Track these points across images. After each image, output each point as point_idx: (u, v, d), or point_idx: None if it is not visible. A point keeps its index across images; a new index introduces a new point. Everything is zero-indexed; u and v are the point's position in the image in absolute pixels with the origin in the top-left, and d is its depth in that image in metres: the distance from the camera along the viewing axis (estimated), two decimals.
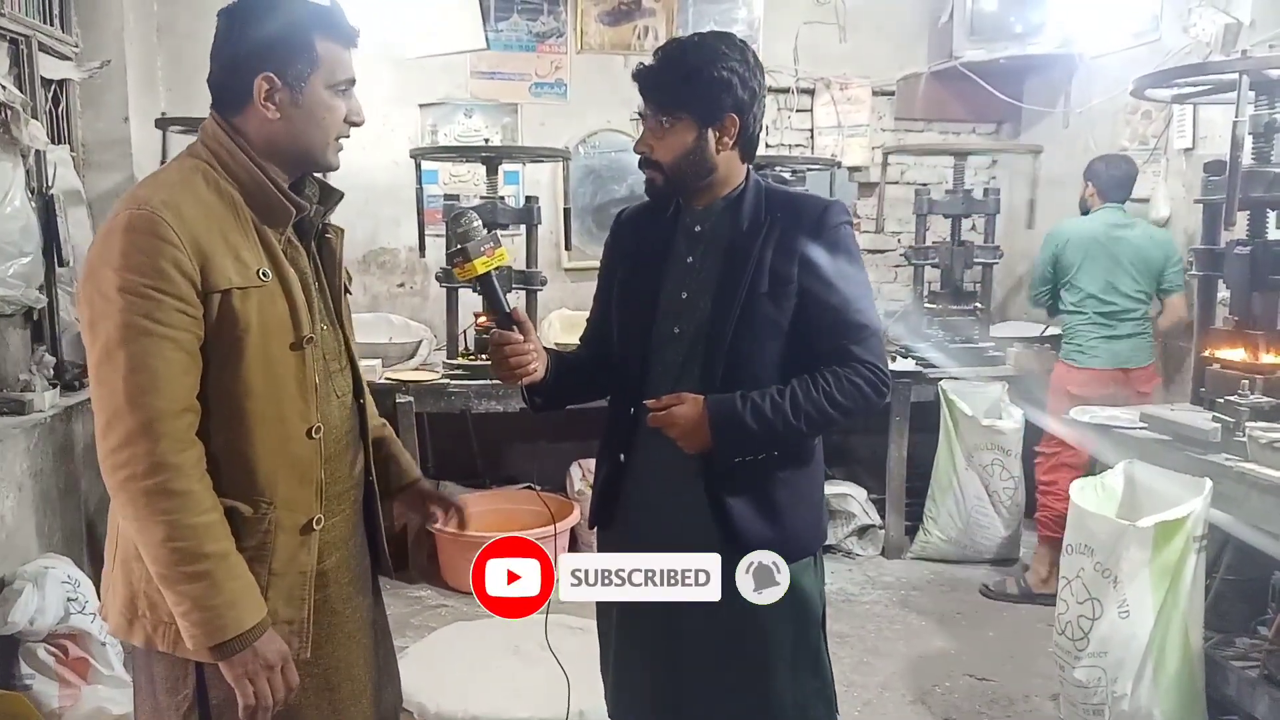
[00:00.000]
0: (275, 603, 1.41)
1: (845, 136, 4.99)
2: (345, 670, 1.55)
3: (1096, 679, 2.43)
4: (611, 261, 1.87)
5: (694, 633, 1.72)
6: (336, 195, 1.57)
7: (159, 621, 1.39)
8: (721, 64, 1.63)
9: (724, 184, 1.72)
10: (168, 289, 1.30)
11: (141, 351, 1.29)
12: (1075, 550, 2.56)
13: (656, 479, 1.75)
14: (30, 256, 3.20)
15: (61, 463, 3.13)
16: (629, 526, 1.81)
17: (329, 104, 1.43)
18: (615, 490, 1.81)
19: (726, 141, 1.67)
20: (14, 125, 3.11)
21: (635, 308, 1.76)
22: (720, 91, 1.63)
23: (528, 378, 1.67)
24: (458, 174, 4.67)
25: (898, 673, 3.20)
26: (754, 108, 1.68)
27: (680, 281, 1.73)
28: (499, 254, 1.60)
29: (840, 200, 1.75)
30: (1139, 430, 2.77)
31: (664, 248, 1.76)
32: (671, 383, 1.70)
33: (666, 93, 1.65)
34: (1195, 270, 2.92)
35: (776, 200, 1.72)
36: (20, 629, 2.54)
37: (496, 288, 1.64)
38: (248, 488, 1.40)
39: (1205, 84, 2.85)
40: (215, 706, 1.42)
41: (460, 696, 2.75)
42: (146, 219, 1.30)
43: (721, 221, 1.71)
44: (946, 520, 4.12)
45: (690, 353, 1.70)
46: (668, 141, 1.66)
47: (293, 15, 1.41)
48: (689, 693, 1.76)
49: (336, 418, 1.52)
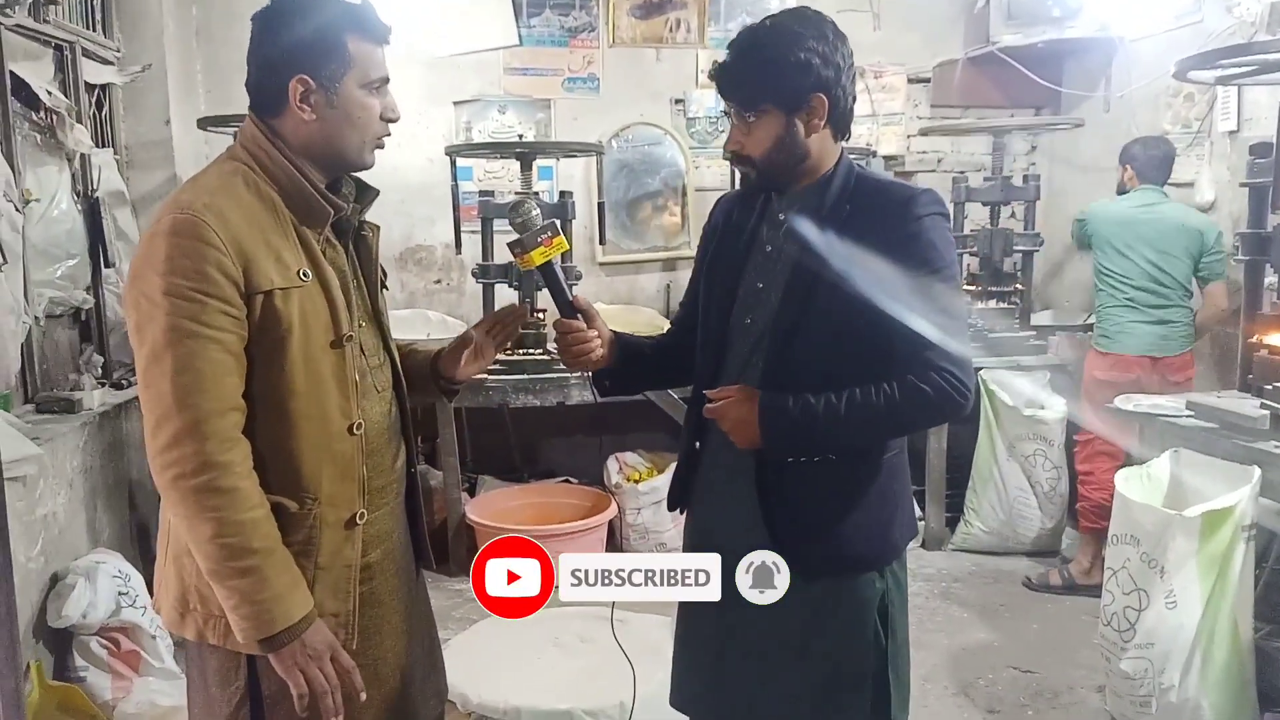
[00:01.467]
0: (321, 596, 1.44)
1: (880, 125, 4.95)
2: (394, 661, 1.58)
3: (1143, 670, 2.40)
4: (705, 247, 1.81)
5: (743, 632, 1.69)
6: (372, 193, 1.58)
7: (210, 615, 1.42)
8: (798, 47, 1.53)
9: (816, 168, 1.62)
10: (212, 291, 1.32)
11: (187, 354, 1.31)
12: (1121, 540, 2.52)
13: (722, 470, 1.71)
14: (77, 258, 3.28)
15: (110, 460, 3.20)
16: (702, 514, 1.78)
17: (364, 103, 1.45)
18: (690, 477, 1.78)
19: (816, 124, 1.57)
20: (60, 130, 3.18)
21: (716, 296, 1.71)
22: (801, 76, 1.54)
23: (593, 364, 1.67)
24: (492, 170, 4.69)
25: (940, 665, 3.18)
26: (841, 82, 1.57)
27: (758, 271, 1.67)
28: (557, 242, 1.59)
29: (932, 190, 1.61)
30: (1185, 418, 2.73)
31: (750, 235, 1.69)
32: (738, 375, 1.66)
33: (745, 89, 1.58)
34: (1242, 255, 2.86)
35: (864, 187, 1.62)
36: (73, 622, 2.60)
37: (559, 276, 1.63)
38: (293, 484, 1.42)
39: (1251, 65, 2.78)
40: (267, 699, 1.45)
41: (501, 688, 2.77)
42: (190, 223, 1.33)
43: (804, 210, 1.61)
44: (988, 511, 4.08)
45: (757, 345, 1.65)
46: (755, 136, 1.59)
47: (324, 16, 1.42)
48: (737, 693, 1.72)
49: (377, 413, 1.53)
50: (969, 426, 4.10)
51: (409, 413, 1.64)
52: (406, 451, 1.64)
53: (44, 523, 2.67)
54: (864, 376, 1.53)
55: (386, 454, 1.56)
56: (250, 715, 1.45)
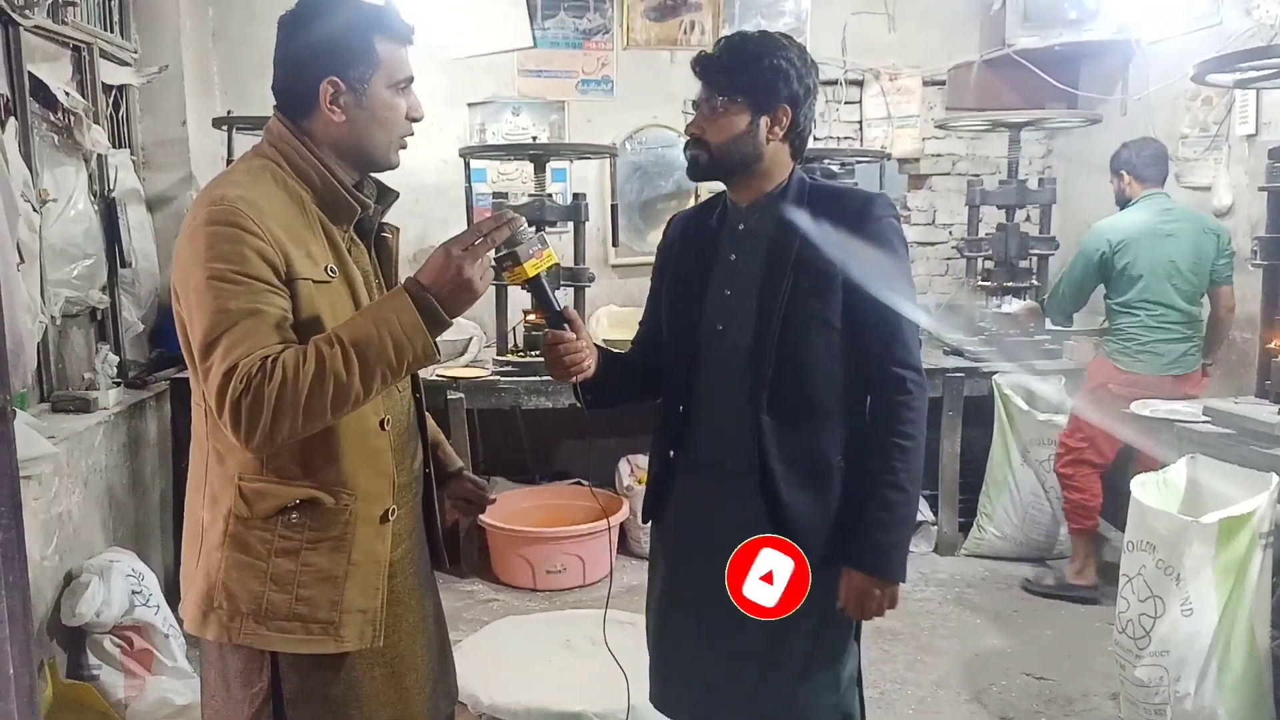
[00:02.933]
0: (352, 592, 1.44)
1: (895, 128, 4.93)
2: (410, 660, 1.58)
3: (1158, 678, 2.38)
4: (663, 263, 1.90)
5: (730, 627, 1.74)
6: (392, 195, 1.60)
7: (236, 613, 1.41)
8: (780, 54, 1.66)
9: (769, 178, 1.73)
10: (255, 273, 1.32)
11: (241, 333, 1.30)
12: (1137, 547, 2.50)
13: (705, 476, 1.78)
14: (93, 258, 3.30)
15: (125, 459, 3.21)
16: (679, 522, 1.83)
17: (391, 103, 1.46)
18: (665, 486, 1.83)
19: (777, 131, 1.68)
20: (77, 130, 3.20)
21: (682, 306, 1.79)
22: (777, 80, 1.65)
23: (580, 376, 1.69)
24: (506, 172, 4.70)
25: (952, 671, 3.16)
26: (806, 104, 1.70)
27: (724, 279, 1.75)
28: (547, 255, 1.60)
29: (885, 194, 1.76)
30: (1202, 424, 2.70)
31: (711, 247, 1.78)
32: (718, 380, 1.73)
33: (724, 75, 1.67)
34: (1260, 259, 2.83)
35: (820, 195, 1.72)
36: (87, 621, 2.62)
37: (547, 288, 1.65)
38: (332, 479, 1.43)
39: (1270, 68, 2.76)
40: (289, 700, 1.45)
41: (512, 689, 2.77)
42: (226, 212, 1.33)
43: (764, 218, 1.72)
44: (1001, 516, 4.05)
45: (735, 350, 1.72)
46: (720, 123, 1.68)
47: (351, 18, 1.43)
48: (723, 687, 1.78)
49: (400, 410, 1.55)
50: (982, 430, 4.08)
51: (424, 411, 1.66)
52: (424, 451, 1.65)
53: (59, 521, 2.69)
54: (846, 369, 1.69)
55: (408, 452, 1.58)
56: (272, 716, 1.45)
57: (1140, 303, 3.48)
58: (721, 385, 1.73)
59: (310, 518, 1.42)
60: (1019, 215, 4.44)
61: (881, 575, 1.67)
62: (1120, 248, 3.48)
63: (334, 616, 1.43)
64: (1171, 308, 3.46)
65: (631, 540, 4.19)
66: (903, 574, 1.69)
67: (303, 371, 1.28)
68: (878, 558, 1.67)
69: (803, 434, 1.70)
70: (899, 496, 1.67)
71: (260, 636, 1.41)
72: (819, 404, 1.70)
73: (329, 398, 1.29)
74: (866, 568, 1.67)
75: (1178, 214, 3.53)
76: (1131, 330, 3.50)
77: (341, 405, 1.31)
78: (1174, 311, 3.46)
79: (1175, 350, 3.47)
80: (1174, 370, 3.46)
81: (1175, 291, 3.45)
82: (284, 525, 1.41)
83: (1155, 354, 3.47)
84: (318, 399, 1.29)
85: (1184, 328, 3.48)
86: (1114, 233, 3.52)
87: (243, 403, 1.28)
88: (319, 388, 1.29)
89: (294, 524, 1.41)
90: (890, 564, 1.67)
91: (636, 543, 4.16)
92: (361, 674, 1.49)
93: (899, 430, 1.66)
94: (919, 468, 1.69)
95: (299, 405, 1.28)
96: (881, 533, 1.67)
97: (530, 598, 3.79)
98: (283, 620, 1.41)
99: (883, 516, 1.67)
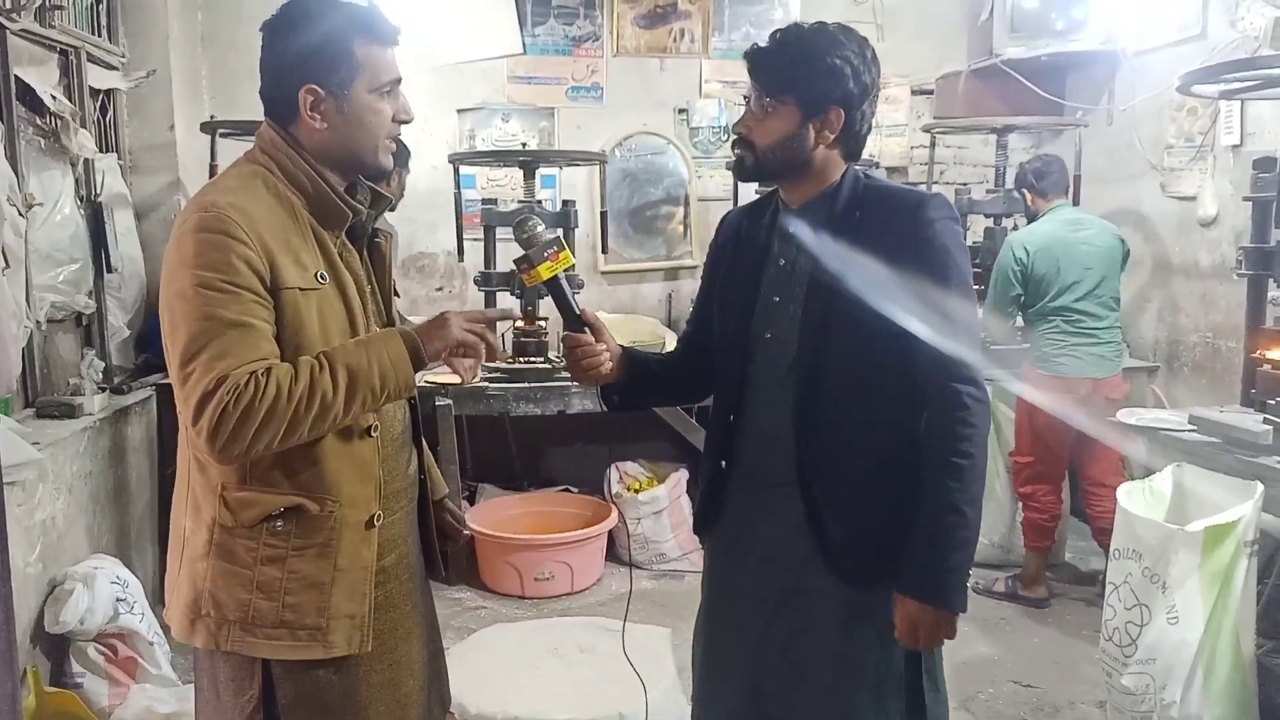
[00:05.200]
0: (339, 597, 1.44)
1: (884, 136, 4.95)
2: (407, 666, 1.58)
3: (1145, 686, 2.39)
4: (715, 263, 1.81)
5: (780, 641, 1.69)
6: (385, 200, 1.59)
7: (223, 620, 1.41)
8: (837, 53, 1.56)
9: (820, 180, 1.63)
10: (241, 283, 1.32)
11: (226, 343, 1.30)
12: (1123, 555, 2.51)
13: (756, 489, 1.71)
14: (79, 263, 3.27)
15: (110, 465, 3.19)
16: (730, 534, 1.77)
17: (375, 108, 1.45)
18: (718, 497, 1.76)
19: (827, 135, 1.59)
20: (64, 134, 3.18)
21: (734, 312, 1.71)
22: (829, 81, 1.56)
23: (600, 379, 1.67)
24: (495, 178, 4.70)
25: None
26: (863, 104, 1.60)
27: (773, 285, 1.67)
28: (563, 257, 1.59)
29: (941, 194, 1.63)
30: (1187, 432, 2.72)
31: (762, 249, 1.70)
32: (765, 389, 1.66)
33: (775, 75, 1.59)
34: (1245, 269, 2.85)
35: (871, 196, 1.62)
36: (71, 628, 2.59)
37: (565, 290, 1.63)
38: (316, 485, 1.42)
39: (1254, 79, 2.79)
40: (283, 706, 1.44)
41: (500, 697, 2.76)
42: (215, 219, 1.33)
43: (814, 222, 1.62)
44: (989, 524, 4.06)
45: (782, 358, 1.64)
46: (767, 124, 1.60)
47: (329, 24, 1.42)
48: (774, 703, 1.71)
49: (391, 417, 1.54)
50: None
51: (420, 420, 1.65)
52: (418, 458, 1.64)
53: (43, 527, 2.67)
54: (890, 384, 1.58)
55: (400, 459, 1.57)
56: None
57: (1056, 309, 3.57)
58: (767, 394, 1.66)
59: (295, 525, 1.41)
60: (1006, 223, 4.46)
61: (936, 604, 1.55)
62: (1036, 256, 3.56)
63: (321, 623, 1.43)
64: (1086, 313, 3.55)
65: (620, 548, 4.18)
66: (962, 604, 1.57)
67: (295, 389, 1.31)
68: (933, 586, 1.55)
69: (848, 447, 1.61)
70: (955, 519, 1.54)
71: (248, 644, 1.41)
72: (866, 417, 1.61)
73: (313, 416, 1.33)
74: (921, 595, 1.56)
75: (1087, 221, 3.65)
76: (1050, 336, 3.59)
77: (321, 424, 1.36)
78: (1089, 316, 3.55)
79: (1093, 353, 3.55)
80: (1094, 373, 3.55)
81: (1090, 297, 3.55)
82: (269, 533, 1.41)
83: (1074, 358, 3.55)
84: (303, 417, 1.32)
85: (1101, 331, 3.56)
86: (1029, 243, 3.61)
87: (230, 414, 1.28)
88: (307, 406, 1.32)
89: (279, 531, 1.41)
90: (946, 592, 1.55)
91: (624, 550, 4.15)
92: (358, 680, 1.49)
93: (956, 449, 1.53)
94: (979, 489, 1.56)
95: (284, 421, 1.31)
96: (936, 558, 1.55)
97: (518, 605, 3.77)
98: (270, 627, 1.41)
99: (938, 541, 1.55)
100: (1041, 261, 3.55)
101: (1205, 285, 3.99)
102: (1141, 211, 4.35)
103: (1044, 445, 3.63)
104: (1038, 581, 3.71)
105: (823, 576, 1.63)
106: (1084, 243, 3.57)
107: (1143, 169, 4.30)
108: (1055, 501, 3.69)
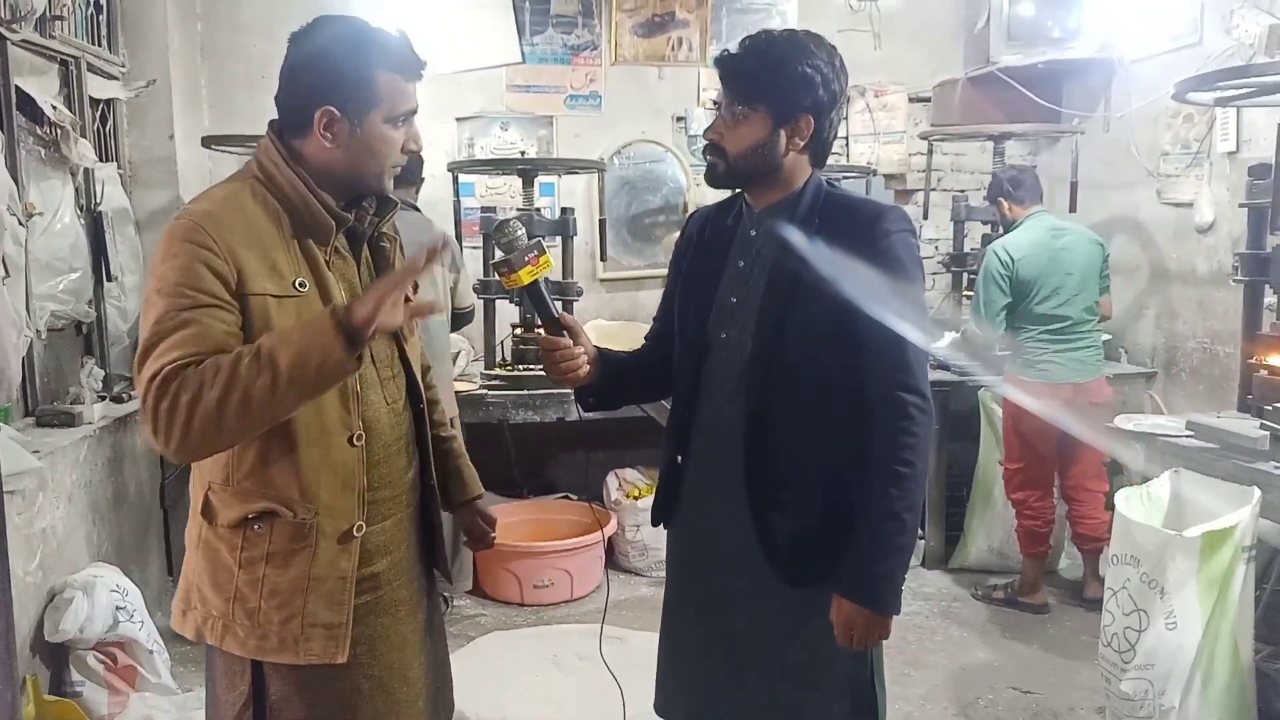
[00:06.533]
0: (315, 606, 1.44)
1: (881, 144, 4.97)
2: (400, 673, 1.57)
3: (1143, 691, 2.39)
4: (678, 261, 1.84)
5: (727, 638, 1.73)
6: (392, 204, 1.59)
7: (208, 615, 1.45)
8: (807, 61, 1.59)
9: (786, 185, 1.66)
10: (202, 286, 1.34)
11: (181, 338, 1.32)
12: (1121, 561, 2.52)
13: (709, 483, 1.74)
14: (79, 272, 3.28)
15: (110, 473, 3.19)
16: (684, 527, 1.81)
17: (387, 137, 1.45)
18: (673, 491, 1.80)
19: (798, 142, 1.62)
20: (64, 144, 3.19)
21: (691, 311, 1.75)
22: (800, 89, 1.59)
23: (577, 381, 1.69)
24: (494, 186, 4.71)
25: (939, 685, 3.17)
26: (832, 111, 1.63)
27: (731, 286, 1.70)
28: (544, 261, 1.61)
29: (899, 207, 1.66)
30: (1185, 438, 2.72)
31: (724, 250, 1.73)
32: (719, 388, 1.70)
33: (745, 81, 1.61)
34: (1241, 275, 2.86)
35: (832, 205, 1.65)
36: (70, 637, 2.59)
37: (544, 295, 1.65)
38: (292, 492, 1.43)
39: (1249, 87, 2.80)
40: (273, 704, 1.45)
41: (498, 705, 2.76)
42: (185, 225, 1.37)
43: (775, 226, 1.65)
44: (988, 530, 4.07)
45: (736, 359, 1.68)
46: (738, 132, 1.62)
47: (356, 49, 1.42)
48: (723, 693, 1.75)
49: (385, 424, 1.53)
50: (968, 444, 4.10)
51: (427, 426, 1.65)
52: (421, 464, 1.64)
53: (42, 536, 2.67)
54: (839, 388, 1.62)
55: (395, 465, 1.56)
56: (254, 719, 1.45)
57: (1039, 315, 3.58)
58: (721, 394, 1.69)
59: (271, 530, 1.43)
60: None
61: (871, 609, 1.59)
62: (1020, 263, 3.56)
63: (296, 630, 1.43)
64: (1067, 319, 3.56)
65: (620, 555, 4.18)
66: (895, 607, 1.61)
67: (217, 378, 1.27)
68: (868, 589, 1.59)
69: (796, 448, 1.64)
70: (893, 526, 1.58)
71: (228, 641, 1.43)
72: (813, 421, 1.64)
73: (237, 401, 1.27)
74: (856, 598, 1.60)
75: (1066, 228, 3.67)
76: (1033, 343, 3.60)
77: (251, 409, 1.28)
78: (1070, 322, 3.56)
79: (1074, 358, 3.57)
80: (1075, 378, 3.56)
81: (1071, 303, 3.56)
82: (247, 536, 1.43)
83: (1056, 363, 3.56)
84: (229, 403, 1.27)
85: (1081, 337, 3.58)
86: (1012, 250, 3.60)
87: (160, 408, 1.29)
88: (229, 391, 1.27)
89: (256, 535, 1.43)
90: (880, 596, 1.59)
91: (625, 557, 4.15)
92: (347, 685, 1.49)
93: (899, 457, 1.57)
94: (918, 497, 1.60)
95: (210, 411, 1.27)
96: (873, 563, 1.59)
97: (518, 613, 3.77)
98: (249, 628, 1.43)
99: (875, 546, 1.59)
100: (1025, 268, 3.55)
101: (1202, 291, 4.00)
102: (1138, 218, 4.37)
103: (1032, 450, 3.64)
104: (1036, 588, 3.72)
105: (767, 575, 1.66)
106: (1065, 249, 3.58)
107: (1139, 176, 4.32)
108: (1048, 507, 3.69)
